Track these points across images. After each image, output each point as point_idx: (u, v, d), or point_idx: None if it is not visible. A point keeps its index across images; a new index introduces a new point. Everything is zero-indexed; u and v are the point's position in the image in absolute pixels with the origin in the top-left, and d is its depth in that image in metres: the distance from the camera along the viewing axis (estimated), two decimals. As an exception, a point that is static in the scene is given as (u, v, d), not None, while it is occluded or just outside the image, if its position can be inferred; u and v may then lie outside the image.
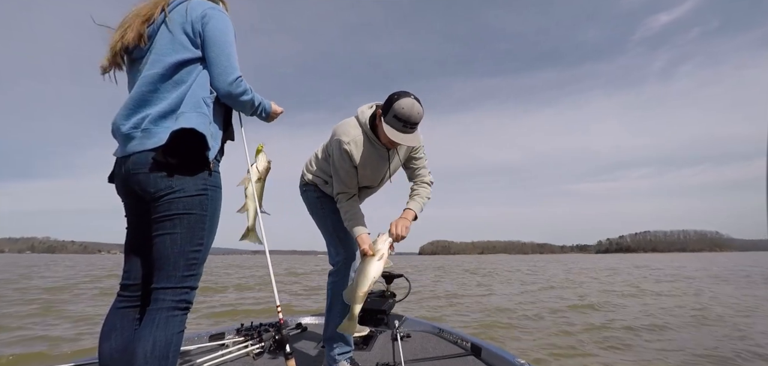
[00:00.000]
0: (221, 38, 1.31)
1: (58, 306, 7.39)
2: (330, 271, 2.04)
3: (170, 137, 1.18)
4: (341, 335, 1.98)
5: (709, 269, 22.17)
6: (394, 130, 1.64)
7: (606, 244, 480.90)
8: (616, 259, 62.37)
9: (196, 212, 1.24)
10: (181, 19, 1.30)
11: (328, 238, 2.05)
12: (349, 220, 1.85)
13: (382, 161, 1.88)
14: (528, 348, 4.54)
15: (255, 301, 8.62)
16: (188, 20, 1.29)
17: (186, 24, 1.29)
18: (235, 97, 1.34)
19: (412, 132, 1.66)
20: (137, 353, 1.13)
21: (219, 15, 1.34)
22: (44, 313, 6.53)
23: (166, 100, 1.24)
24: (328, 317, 2.02)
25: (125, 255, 1.37)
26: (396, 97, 1.65)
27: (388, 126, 1.65)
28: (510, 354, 2.06)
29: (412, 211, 1.88)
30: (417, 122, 1.66)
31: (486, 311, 7.25)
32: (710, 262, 39.21)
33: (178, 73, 1.26)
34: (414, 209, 1.89)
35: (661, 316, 6.58)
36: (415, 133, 1.68)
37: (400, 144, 1.70)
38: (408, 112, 1.61)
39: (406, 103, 1.62)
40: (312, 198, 2.08)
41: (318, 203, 2.05)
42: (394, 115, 1.63)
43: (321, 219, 2.06)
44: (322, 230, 2.08)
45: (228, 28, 1.34)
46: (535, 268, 25.24)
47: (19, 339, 4.71)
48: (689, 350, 4.42)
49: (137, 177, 1.21)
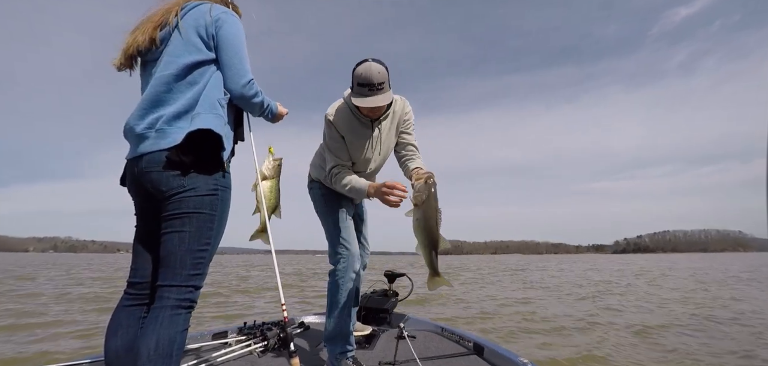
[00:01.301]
0: (234, 41, 1.34)
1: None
2: (330, 271, 2.03)
3: (186, 137, 1.21)
4: (342, 335, 1.97)
5: (754, 270, 20.36)
6: (363, 98, 1.70)
7: (623, 244, 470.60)
8: (656, 259, 59.26)
9: (206, 212, 1.25)
10: (194, 22, 1.33)
11: (329, 236, 2.05)
12: (352, 187, 1.85)
13: (367, 131, 1.91)
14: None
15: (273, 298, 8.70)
16: (202, 23, 1.33)
17: (199, 27, 1.32)
18: (248, 99, 1.38)
19: (380, 92, 1.71)
20: (141, 351, 1.14)
21: (231, 19, 1.37)
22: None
23: (181, 100, 1.26)
24: (329, 317, 2.01)
25: (133, 253, 1.39)
26: (354, 68, 1.72)
27: (356, 96, 1.73)
28: (513, 353, 2.05)
29: (422, 167, 1.85)
30: (380, 81, 1.69)
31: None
32: (742, 262, 36.67)
33: (192, 74, 1.29)
34: (423, 167, 1.86)
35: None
36: (385, 93, 1.73)
37: (378, 109, 1.77)
38: (366, 75, 1.68)
39: (363, 68, 1.69)
40: (317, 194, 2.12)
41: (322, 200, 2.08)
42: (357, 83, 1.71)
43: (324, 216, 2.08)
44: (324, 227, 2.09)
45: (240, 31, 1.38)
46: (575, 269, 22.96)
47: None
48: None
49: (151, 175, 1.23)
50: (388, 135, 1.97)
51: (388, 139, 1.98)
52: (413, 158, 1.96)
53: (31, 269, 19.94)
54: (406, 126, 1.98)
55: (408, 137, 2.00)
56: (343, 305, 1.95)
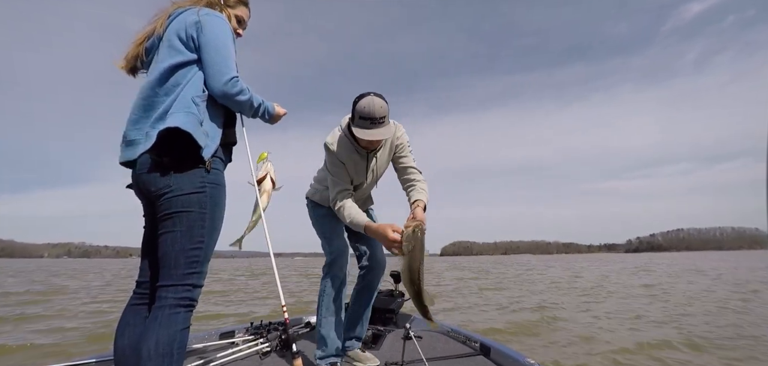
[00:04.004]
0: (215, 41, 1.34)
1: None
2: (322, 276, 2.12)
3: (158, 137, 1.22)
4: (326, 340, 2.03)
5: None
6: (365, 130, 1.73)
7: (636, 243, 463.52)
8: (684, 257, 57.00)
9: (194, 210, 1.25)
10: (176, 26, 1.36)
11: (320, 241, 2.16)
12: (352, 221, 1.86)
13: (361, 161, 1.97)
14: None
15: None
16: (182, 27, 1.35)
17: (180, 31, 1.35)
18: (231, 97, 1.36)
19: (381, 126, 1.74)
20: (142, 350, 1.16)
21: (214, 20, 1.38)
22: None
23: (163, 103, 1.28)
24: (316, 319, 2.10)
25: (141, 254, 1.43)
26: (356, 101, 1.74)
27: (357, 128, 1.75)
28: (520, 353, 2.03)
29: (421, 200, 1.84)
30: (382, 116, 1.72)
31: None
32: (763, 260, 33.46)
33: (173, 77, 1.31)
34: (423, 199, 1.85)
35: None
36: (386, 126, 1.76)
37: (375, 141, 1.78)
38: (369, 109, 1.70)
39: (366, 101, 1.71)
40: (309, 209, 2.25)
41: (313, 212, 2.21)
42: (359, 116, 1.73)
43: (314, 223, 2.20)
44: (318, 234, 2.19)
45: (223, 31, 1.38)
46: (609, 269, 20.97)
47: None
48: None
49: (142, 178, 1.27)
50: (382, 161, 2.03)
51: (381, 164, 2.04)
52: (414, 185, 1.94)
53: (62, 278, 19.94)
54: (400, 150, 2.00)
55: (405, 160, 2.00)
56: (327, 308, 2.04)
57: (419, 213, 1.76)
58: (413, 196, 1.89)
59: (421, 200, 1.84)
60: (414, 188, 1.93)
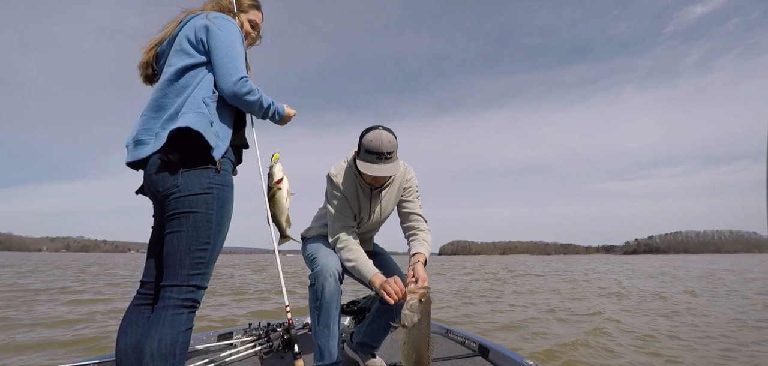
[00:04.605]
0: (224, 43, 1.36)
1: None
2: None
3: (168, 137, 1.24)
4: (321, 348, 1.87)
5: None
6: (370, 165, 1.65)
7: (634, 245, 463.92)
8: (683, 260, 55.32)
9: (201, 211, 1.26)
10: (186, 31, 1.39)
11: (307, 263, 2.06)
12: (355, 267, 1.73)
13: (365, 199, 1.86)
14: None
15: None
16: (192, 30, 1.38)
17: (190, 34, 1.38)
18: (240, 97, 1.38)
19: (388, 161, 1.66)
20: (144, 350, 1.17)
21: (223, 23, 1.40)
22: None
23: (174, 104, 1.31)
24: (312, 329, 1.99)
25: (147, 254, 1.44)
26: (364, 134, 1.67)
27: (362, 162, 1.67)
28: (517, 355, 2.05)
29: (422, 255, 1.74)
30: (390, 151, 1.64)
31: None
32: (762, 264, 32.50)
33: (183, 78, 1.33)
34: (424, 253, 1.75)
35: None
36: (393, 163, 1.67)
37: (381, 178, 1.71)
38: (377, 144, 1.62)
39: (374, 135, 1.64)
40: (303, 249, 2.05)
41: (305, 248, 2.03)
42: (365, 150, 1.65)
43: (305, 257, 2.05)
44: (307, 264, 2.07)
45: (232, 33, 1.40)
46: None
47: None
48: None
49: (151, 177, 1.28)
50: (388, 201, 1.92)
51: (387, 205, 1.93)
52: (416, 235, 1.85)
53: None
54: (407, 194, 1.93)
55: (410, 205, 1.92)
56: (319, 319, 1.91)
57: (420, 270, 1.64)
58: (414, 247, 1.80)
59: (421, 254, 1.74)
60: (416, 239, 1.84)
